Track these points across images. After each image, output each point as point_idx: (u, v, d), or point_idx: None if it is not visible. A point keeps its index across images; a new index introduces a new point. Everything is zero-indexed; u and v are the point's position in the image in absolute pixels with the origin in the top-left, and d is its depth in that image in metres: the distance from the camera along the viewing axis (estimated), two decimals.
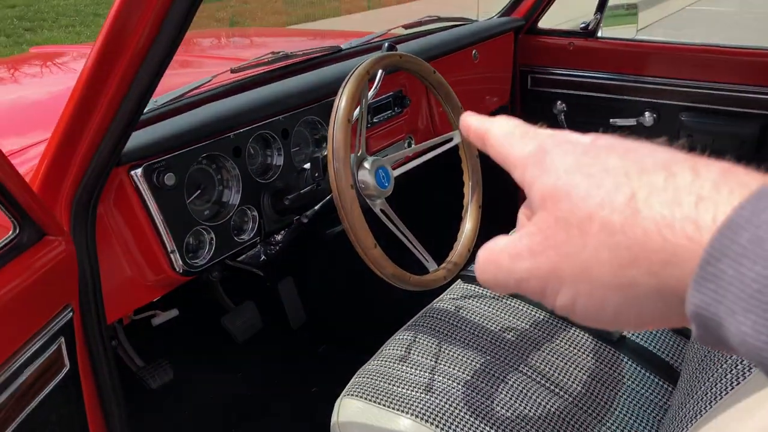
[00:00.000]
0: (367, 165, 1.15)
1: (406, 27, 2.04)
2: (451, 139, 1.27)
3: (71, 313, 0.96)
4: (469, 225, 1.26)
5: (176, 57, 0.90)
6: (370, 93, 1.32)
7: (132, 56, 0.85)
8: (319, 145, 1.48)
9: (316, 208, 1.24)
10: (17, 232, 0.86)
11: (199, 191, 1.26)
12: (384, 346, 1.26)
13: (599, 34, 2.20)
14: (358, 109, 1.15)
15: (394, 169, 1.21)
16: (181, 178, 1.17)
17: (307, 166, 1.27)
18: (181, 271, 1.20)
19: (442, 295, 1.40)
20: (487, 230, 0.85)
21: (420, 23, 2.03)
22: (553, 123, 2.31)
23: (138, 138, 1.12)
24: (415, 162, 1.25)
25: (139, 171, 1.12)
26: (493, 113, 1.90)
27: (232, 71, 1.50)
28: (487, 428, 1.04)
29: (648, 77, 2.10)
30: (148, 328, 1.54)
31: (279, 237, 1.94)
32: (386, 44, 1.31)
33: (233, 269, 1.82)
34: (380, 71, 1.29)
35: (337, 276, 2.02)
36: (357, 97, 1.06)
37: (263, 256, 1.93)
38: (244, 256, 1.87)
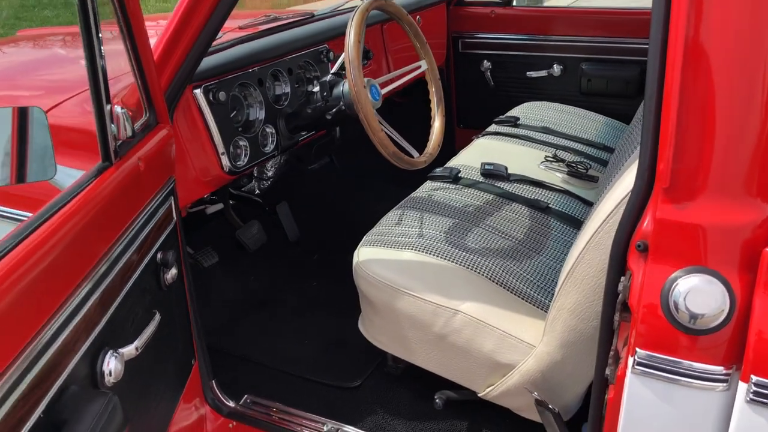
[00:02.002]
0: (364, 83, 1.59)
1: None
2: (419, 66, 1.74)
3: (174, 183, 1.35)
4: (438, 127, 1.73)
5: None
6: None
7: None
8: (312, 82, 1.92)
9: (329, 116, 1.65)
10: (147, 115, 1.25)
11: (234, 112, 1.67)
12: (381, 219, 1.70)
13: (514, 3, 2.73)
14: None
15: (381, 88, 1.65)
16: (227, 97, 1.58)
17: (316, 89, 1.70)
18: (227, 170, 1.61)
19: (416, 190, 1.86)
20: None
21: None
22: (480, 79, 2.82)
23: None
24: (395, 83, 1.71)
25: (200, 90, 1.52)
26: None
27: (240, 27, 1.92)
28: (462, 253, 1.51)
29: (555, 36, 2.64)
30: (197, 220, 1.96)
31: (270, 173, 2.35)
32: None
33: (238, 198, 2.21)
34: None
35: (322, 200, 2.46)
36: (361, 25, 1.50)
37: (257, 191, 2.34)
38: (244, 188, 2.28)
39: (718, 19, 0.85)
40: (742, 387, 0.91)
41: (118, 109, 1.05)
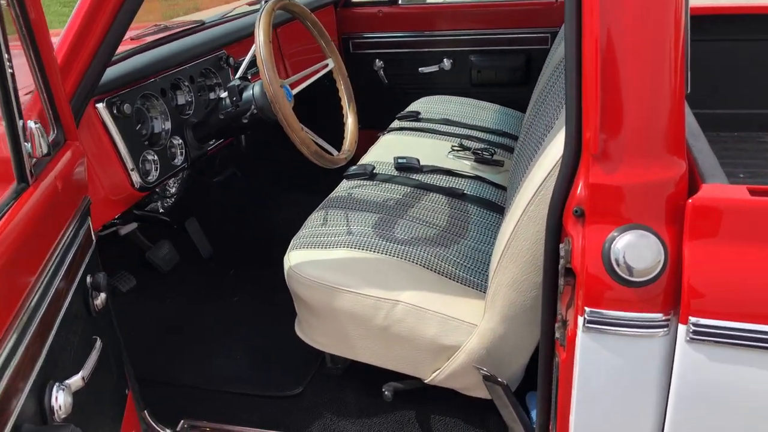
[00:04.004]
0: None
1: (249, 4, 2.46)
2: (327, 65, 1.74)
3: (89, 203, 1.26)
4: (351, 124, 1.74)
5: None
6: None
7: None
8: (214, 89, 1.86)
9: (245, 120, 1.60)
10: (54, 132, 1.16)
11: (139, 125, 1.59)
12: (306, 221, 1.68)
13: (400, 1, 2.79)
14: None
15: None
16: (132, 109, 1.50)
17: (224, 94, 1.65)
18: (138, 186, 1.53)
19: (334, 191, 1.86)
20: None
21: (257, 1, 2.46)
22: (374, 78, 2.87)
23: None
24: (305, 83, 1.70)
25: (102, 104, 1.43)
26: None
27: (132, 39, 1.83)
28: (393, 245, 1.53)
29: (442, 31, 2.73)
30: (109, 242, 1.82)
31: (173, 190, 2.26)
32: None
33: (142, 218, 2.10)
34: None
35: (231, 212, 2.38)
36: (269, 25, 1.47)
37: (161, 209, 2.24)
38: (147, 207, 2.17)
39: None
40: (681, 329, 0.99)
41: (31, 124, 0.97)
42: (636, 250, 0.98)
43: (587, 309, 1.02)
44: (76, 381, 0.95)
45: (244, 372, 1.83)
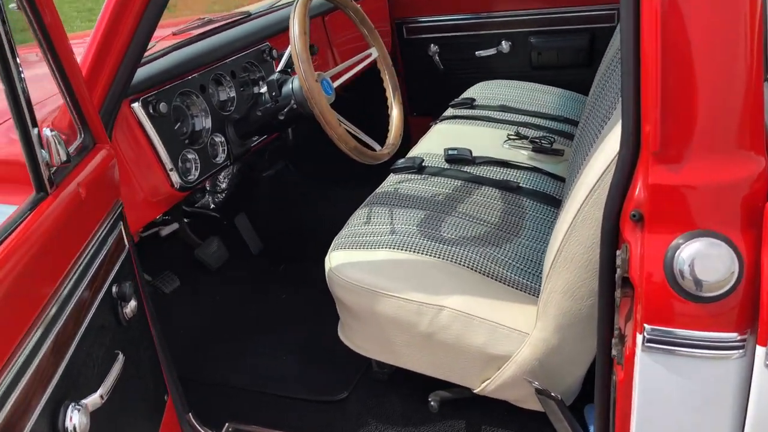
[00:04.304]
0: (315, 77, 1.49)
1: None
2: (370, 54, 1.65)
3: (121, 207, 1.23)
4: (396, 117, 1.65)
5: None
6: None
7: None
8: (258, 83, 1.81)
9: (282, 116, 1.54)
10: (82, 136, 1.13)
11: (178, 124, 1.55)
12: (349, 220, 1.61)
13: None
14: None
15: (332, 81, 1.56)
16: (169, 108, 1.46)
17: (264, 90, 1.59)
18: (178, 186, 1.49)
19: (380, 186, 1.78)
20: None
21: None
22: (429, 64, 2.75)
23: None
24: (347, 75, 1.62)
25: (138, 104, 1.40)
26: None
27: (174, 34, 1.79)
28: (439, 245, 1.43)
29: (499, 12, 2.58)
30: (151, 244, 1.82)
31: (224, 185, 2.23)
32: None
33: (192, 215, 2.09)
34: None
35: (281, 207, 2.35)
36: (305, 16, 1.40)
37: (212, 204, 2.22)
38: (198, 204, 2.15)
39: None
40: (760, 351, 0.86)
41: (47, 132, 0.94)
42: (705, 260, 0.86)
43: (647, 326, 0.90)
44: (93, 400, 0.91)
45: (290, 373, 1.78)
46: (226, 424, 1.58)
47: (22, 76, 0.87)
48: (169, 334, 1.49)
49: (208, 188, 2.21)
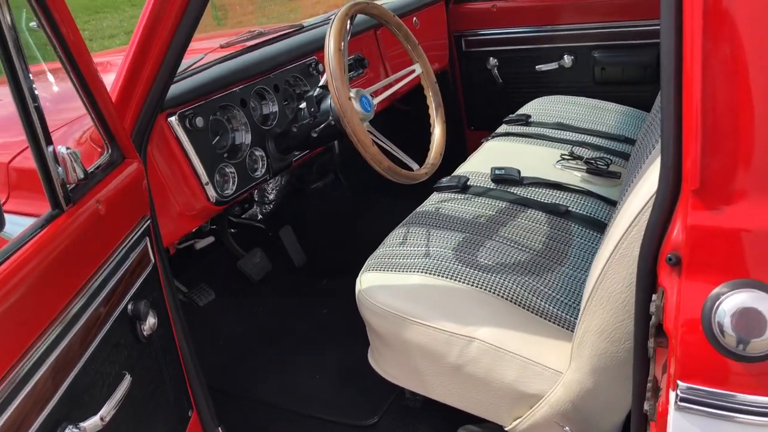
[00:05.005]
0: (352, 94, 1.46)
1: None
2: (413, 71, 1.60)
3: (149, 221, 1.23)
4: (438, 135, 1.59)
5: None
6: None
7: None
8: (302, 98, 1.79)
9: (314, 134, 1.51)
10: (109, 151, 1.13)
11: (217, 137, 1.55)
12: (385, 239, 1.56)
13: None
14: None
15: (373, 98, 1.52)
16: (206, 122, 1.46)
17: (303, 105, 1.57)
18: (214, 200, 1.49)
19: (422, 204, 1.72)
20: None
21: None
22: (488, 77, 2.67)
23: (170, 92, 1.41)
24: (389, 91, 1.57)
25: (174, 117, 1.40)
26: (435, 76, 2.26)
27: (222, 46, 1.80)
28: (474, 272, 1.36)
29: (562, 25, 2.48)
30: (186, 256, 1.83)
31: (272, 196, 2.23)
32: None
33: (238, 225, 2.10)
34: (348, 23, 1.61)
35: (328, 220, 2.32)
36: (341, 32, 1.37)
37: (260, 215, 2.22)
38: (245, 214, 2.16)
39: None
40: None
41: (62, 149, 0.93)
42: (749, 314, 0.76)
43: (681, 382, 0.81)
44: (93, 422, 0.90)
45: (322, 392, 1.75)
46: None
47: (36, 93, 0.87)
48: (204, 346, 1.48)
49: (256, 199, 2.21)
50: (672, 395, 0.82)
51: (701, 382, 0.79)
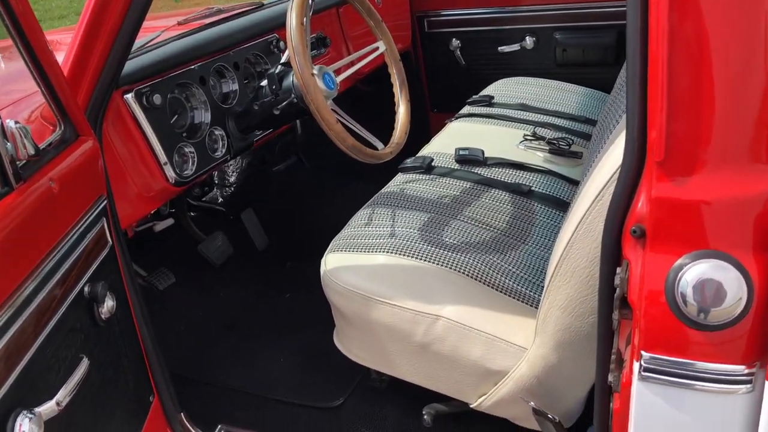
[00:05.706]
0: (315, 71, 1.43)
1: None
2: (377, 48, 1.58)
3: (106, 201, 1.19)
4: (403, 114, 1.57)
5: None
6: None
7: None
8: (263, 76, 1.75)
9: (277, 111, 1.48)
10: (62, 128, 1.09)
11: (176, 116, 1.51)
12: (350, 220, 1.55)
13: None
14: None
15: (336, 76, 1.49)
16: (164, 100, 1.41)
17: (264, 83, 1.53)
18: (173, 181, 1.45)
19: (386, 185, 1.71)
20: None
21: None
22: (451, 59, 2.67)
23: (126, 68, 1.36)
24: (352, 69, 1.55)
25: (131, 95, 1.36)
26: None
27: (179, 23, 1.75)
28: (439, 251, 1.36)
29: (524, 6, 2.48)
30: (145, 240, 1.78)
31: (233, 179, 2.19)
32: None
33: (198, 208, 2.05)
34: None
35: (291, 203, 2.29)
36: (303, 6, 1.34)
37: (221, 198, 2.18)
38: (206, 197, 2.12)
39: None
40: None
41: (11, 123, 0.89)
42: (711, 284, 0.77)
43: (645, 353, 0.82)
44: (49, 407, 0.87)
45: (287, 376, 1.73)
46: (219, 426, 1.54)
47: None
48: (165, 331, 1.45)
49: (216, 181, 2.17)
50: (636, 366, 0.83)
51: (664, 352, 0.80)
